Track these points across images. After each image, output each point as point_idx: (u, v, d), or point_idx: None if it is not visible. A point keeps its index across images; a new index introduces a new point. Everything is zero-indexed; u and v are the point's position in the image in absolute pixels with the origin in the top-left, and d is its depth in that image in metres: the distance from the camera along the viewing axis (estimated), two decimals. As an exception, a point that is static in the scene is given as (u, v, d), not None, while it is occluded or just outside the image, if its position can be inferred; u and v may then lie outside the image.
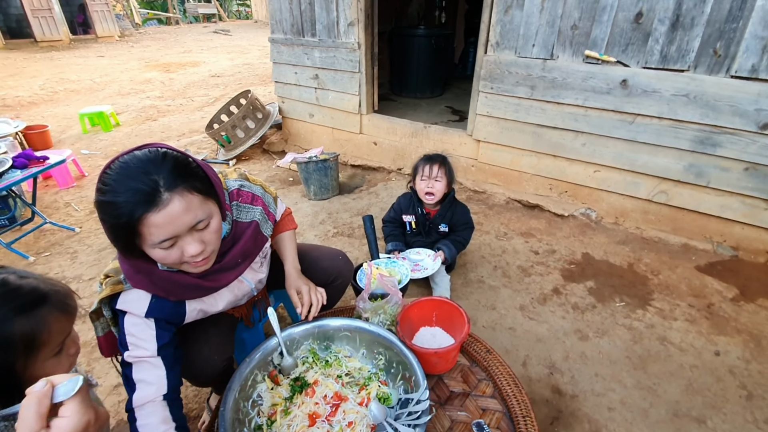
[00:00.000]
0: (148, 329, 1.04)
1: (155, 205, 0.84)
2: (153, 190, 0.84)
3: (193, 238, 0.93)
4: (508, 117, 2.91)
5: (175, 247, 0.91)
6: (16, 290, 0.74)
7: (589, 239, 2.68)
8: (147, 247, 0.89)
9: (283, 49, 3.90)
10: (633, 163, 2.60)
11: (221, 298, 1.22)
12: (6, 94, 6.60)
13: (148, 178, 0.84)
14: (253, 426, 1.05)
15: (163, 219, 0.85)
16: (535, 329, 1.97)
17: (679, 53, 2.23)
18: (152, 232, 0.86)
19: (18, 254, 2.59)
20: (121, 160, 0.87)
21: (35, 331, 0.74)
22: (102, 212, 0.86)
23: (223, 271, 1.12)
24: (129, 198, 0.82)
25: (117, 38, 13.07)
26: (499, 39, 2.76)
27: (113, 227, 0.86)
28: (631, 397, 1.65)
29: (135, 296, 1.04)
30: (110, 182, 0.84)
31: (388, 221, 2.26)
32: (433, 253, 2.05)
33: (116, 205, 0.83)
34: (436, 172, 2.01)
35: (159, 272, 1.02)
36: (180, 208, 0.87)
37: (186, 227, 0.90)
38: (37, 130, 4.29)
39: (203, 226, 0.94)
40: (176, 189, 0.86)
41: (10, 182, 2.41)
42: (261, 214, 1.23)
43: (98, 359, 1.86)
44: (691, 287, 2.24)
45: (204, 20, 19.43)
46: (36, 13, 11.04)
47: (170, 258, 0.93)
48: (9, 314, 0.72)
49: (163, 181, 0.85)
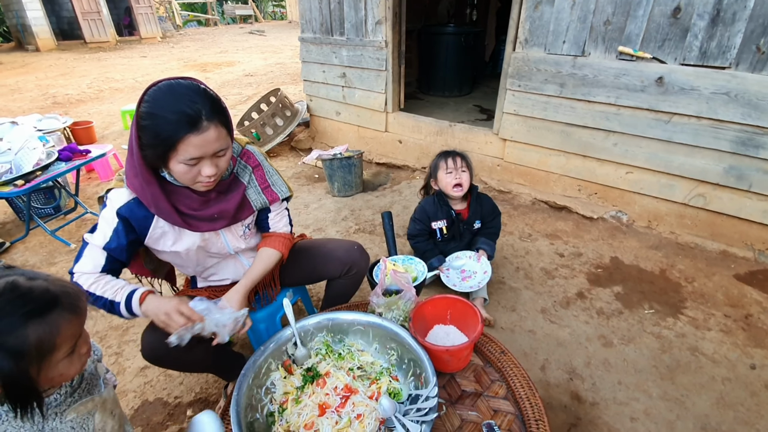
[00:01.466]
0: (110, 225, 1.16)
1: (197, 129, 1.02)
2: (197, 116, 1.01)
3: (211, 162, 1.10)
4: (536, 115, 2.84)
5: (196, 167, 1.08)
6: (28, 294, 0.72)
7: (619, 243, 2.58)
8: (174, 161, 1.05)
9: (312, 47, 3.97)
10: (668, 165, 2.48)
11: (187, 239, 1.27)
12: (57, 92, 7.04)
13: (194, 105, 1.02)
14: (266, 412, 1.08)
15: (200, 141, 1.03)
16: (556, 333, 1.92)
17: (720, 49, 2.11)
18: (187, 150, 1.03)
19: (61, 241, 2.76)
20: (168, 83, 1.05)
21: (48, 336, 0.73)
22: (149, 121, 1.02)
23: (196, 219, 1.23)
24: (178, 118, 1.00)
25: (159, 39, 13.67)
26: (528, 35, 2.69)
27: (156, 137, 1.02)
28: (656, 408, 1.58)
29: (120, 194, 1.17)
30: (160, 100, 1.02)
31: (416, 235, 2.06)
32: (473, 254, 2.00)
33: (167, 120, 1.01)
34: (459, 163, 1.96)
35: (155, 187, 1.14)
36: (213, 136, 1.05)
37: (212, 152, 1.08)
38: (83, 126, 4.54)
39: (222, 154, 1.12)
40: (213, 120, 1.04)
41: (55, 173, 2.57)
42: (254, 186, 1.33)
43: (128, 342, 1.96)
44: (729, 296, 2.12)
45: (241, 21, 20.00)
46: (86, 16, 11.70)
47: (189, 174, 1.09)
48: (21, 320, 0.70)
49: (204, 111, 1.02)
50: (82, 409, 0.89)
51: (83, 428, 0.89)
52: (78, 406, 0.88)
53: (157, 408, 1.64)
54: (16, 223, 3.06)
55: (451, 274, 1.94)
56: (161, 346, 1.11)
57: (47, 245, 2.77)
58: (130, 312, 1.14)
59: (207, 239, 1.31)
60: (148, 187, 1.13)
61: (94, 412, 0.92)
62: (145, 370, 1.81)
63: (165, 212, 1.17)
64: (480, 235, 2.09)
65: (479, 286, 1.89)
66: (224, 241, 1.35)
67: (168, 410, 1.63)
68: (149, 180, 1.12)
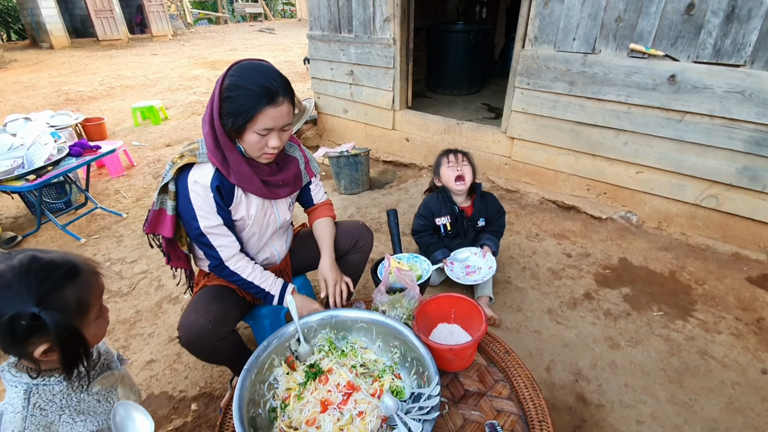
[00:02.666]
0: (211, 202, 1.26)
1: (274, 103, 1.16)
2: (276, 91, 1.15)
3: (278, 135, 1.23)
4: (545, 114, 2.80)
5: (265, 138, 1.21)
6: (52, 262, 0.78)
7: (628, 244, 2.54)
8: (250, 130, 1.18)
9: (320, 45, 3.97)
10: (680, 165, 2.44)
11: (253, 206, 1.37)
12: (69, 89, 7.14)
13: (274, 82, 1.16)
14: (268, 408, 1.08)
15: (275, 114, 1.17)
16: (563, 334, 1.90)
17: (735, 47, 2.06)
18: (263, 120, 1.16)
19: (71, 236, 2.80)
20: (250, 62, 1.19)
21: (84, 294, 0.81)
22: (235, 92, 1.14)
23: (268, 185, 1.36)
24: (261, 91, 1.14)
25: (170, 37, 13.80)
26: (537, 33, 2.66)
27: (240, 106, 1.14)
28: (663, 411, 1.55)
29: (204, 169, 1.25)
30: (245, 75, 1.15)
31: (420, 230, 2.08)
32: (478, 250, 1.98)
33: (251, 92, 1.13)
34: (461, 158, 2.00)
35: (235, 153, 1.25)
36: (285, 110, 1.20)
37: (281, 125, 1.21)
38: (94, 123, 4.61)
39: (287, 129, 1.25)
40: (286, 96, 1.19)
41: (66, 168, 2.61)
42: (302, 159, 1.49)
43: (135, 336, 1.98)
44: (740, 299, 2.08)
45: (251, 19, 20.11)
46: (99, 14, 11.86)
47: (258, 144, 1.21)
48: (60, 282, 0.77)
49: (281, 89, 1.17)
50: (105, 381, 0.96)
51: (108, 401, 0.96)
52: (101, 379, 0.95)
53: (162, 401, 1.65)
54: (29, 218, 3.11)
55: (455, 268, 1.92)
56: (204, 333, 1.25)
57: (58, 239, 2.82)
58: (280, 303, 1.38)
59: (265, 208, 1.41)
60: (229, 154, 1.23)
61: (116, 386, 1.00)
62: (151, 363, 1.83)
63: (245, 176, 1.27)
64: (484, 233, 2.08)
65: (483, 279, 1.87)
66: (276, 211, 1.46)
67: (173, 404, 1.64)
68: (230, 146, 1.23)
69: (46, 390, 0.84)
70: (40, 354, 0.77)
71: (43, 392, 0.84)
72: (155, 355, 1.87)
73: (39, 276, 0.75)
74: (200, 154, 1.26)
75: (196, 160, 1.24)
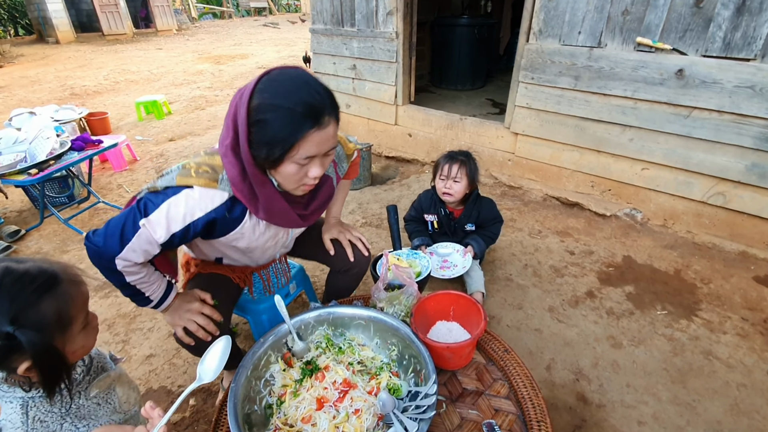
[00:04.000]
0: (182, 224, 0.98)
1: (319, 124, 0.88)
2: (321, 109, 0.88)
3: (320, 161, 0.96)
4: (549, 109, 2.76)
5: (305, 167, 0.95)
6: (27, 274, 0.72)
7: (633, 242, 2.51)
8: (289, 161, 0.91)
9: (322, 39, 3.94)
10: (687, 161, 2.39)
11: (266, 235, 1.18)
12: (74, 83, 7.16)
13: (317, 95, 0.88)
14: (264, 405, 1.08)
15: (320, 138, 0.90)
16: (564, 332, 1.88)
17: (745, 41, 2.01)
18: (307, 147, 0.89)
19: (74, 230, 2.81)
20: (282, 71, 0.90)
21: (64, 307, 0.75)
22: (269, 114, 0.87)
23: (304, 217, 1.14)
24: (302, 110, 0.86)
25: (175, 32, 13.80)
26: (542, 26, 2.62)
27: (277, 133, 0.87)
28: (665, 412, 1.53)
29: (212, 199, 0.98)
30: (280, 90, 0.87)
31: (410, 220, 2.18)
32: (462, 248, 1.98)
33: (292, 113, 0.85)
34: (455, 172, 1.92)
35: (269, 188, 1.00)
36: (332, 132, 0.93)
37: (326, 150, 0.95)
38: (98, 117, 4.61)
39: (331, 153, 0.99)
40: (333, 114, 0.92)
41: (68, 162, 2.61)
42: (333, 174, 1.26)
43: (135, 330, 1.99)
44: (747, 299, 2.04)
45: (255, 14, 20.06)
46: (104, 9, 11.88)
47: (296, 175, 0.95)
48: (35, 296, 0.71)
49: (327, 105, 0.90)
50: (102, 384, 0.93)
51: (108, 402, 0.93)
52: (98, 381, 0.92)
53: (161, 396, 1.65)
54: (32, 212, 3.12)
55: (432, 260, 1.91)
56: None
57: (61, 233, 2.83)
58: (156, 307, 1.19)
59: (277, 234, 1.23)
60: (261, 189, 0.99)
61: (114, 387, 0.96)
62: (151, 358, 1.83)
63: (280, 212, 1.05)
64: (475, 234, 2.06)
65: (452, 276, 1.87)
66: (290, 234, 1.30)
67: (171, 398, 1.64)
68: (261, 180, 0.98)
69: (44, 401, 0.80)
70: (23, 371, 0.73)
71: (40, 404, 0.80)
72: (155, 350, 1.87)
73: (12, 290, 0.69)
74: (223, 180, 0.99)
75: (215, 187, 0.99)
